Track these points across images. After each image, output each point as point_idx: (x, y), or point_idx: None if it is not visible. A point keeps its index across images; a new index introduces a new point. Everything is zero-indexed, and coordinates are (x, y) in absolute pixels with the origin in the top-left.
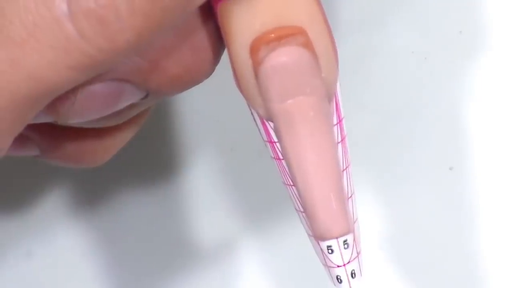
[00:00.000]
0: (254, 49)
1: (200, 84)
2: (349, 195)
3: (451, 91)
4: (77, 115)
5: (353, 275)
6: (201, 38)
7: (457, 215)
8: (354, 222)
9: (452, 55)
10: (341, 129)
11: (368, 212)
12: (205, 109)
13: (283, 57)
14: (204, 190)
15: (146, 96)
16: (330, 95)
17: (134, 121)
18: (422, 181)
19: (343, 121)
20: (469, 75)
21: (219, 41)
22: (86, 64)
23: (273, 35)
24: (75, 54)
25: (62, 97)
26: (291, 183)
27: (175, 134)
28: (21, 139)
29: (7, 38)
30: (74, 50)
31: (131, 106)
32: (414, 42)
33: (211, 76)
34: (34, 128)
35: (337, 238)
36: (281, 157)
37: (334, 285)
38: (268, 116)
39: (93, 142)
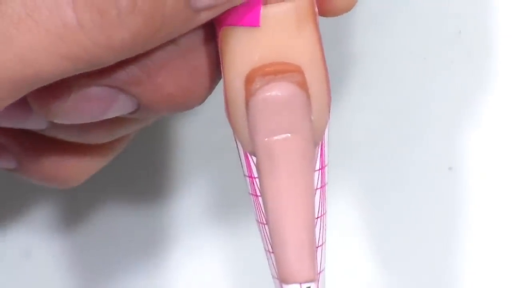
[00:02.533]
0: (249, 80)
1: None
2: (320, 244)
3: (451, 91)
4: (66, 115)
5: None
6: (202, 63)
7: (456, 215)
8: (320, 272)
9: (452, 55)
10: (323, 176)
11: (367, 211)
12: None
13: (276, 91)
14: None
15: (135, 111)
16: (316, 140)
17: (112, 146)
18: (422, 181)
19: (326, 169)
20: (468, 75)
21: (217, 70)
22: (78, 55)
23: (270, 68)
24: (69, 43)
25: (56, 93)
26: (265, 222)
27: (173, 145)
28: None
29: (4, 15)
30: (70, 39)
31: (118, 123)
32: (414, 42)
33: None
34: (14, 137)
35: (300, 283)
36: (258, 194)
37: None
38: (252, 150)
39: (71, 160)
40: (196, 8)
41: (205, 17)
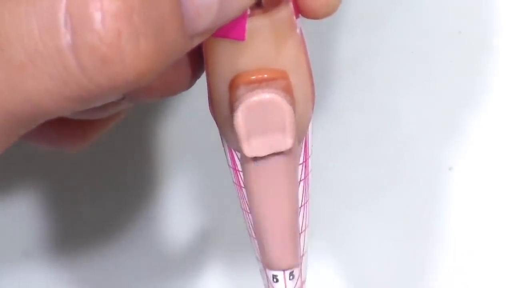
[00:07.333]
0: (233, 86)
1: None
2: (303, 229)
3: (451, 91)
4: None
5: None
6: (185, 59)
7: (456, 215)
8: (303, 255)
9: (452, 55)
10: (306, 167)
11: (367, 211)
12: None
13: (260, 98)
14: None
15: (122, 99)
16: (300, 136)
17: (110, 119)
18: (422, 181)
19: (309, 160)
20: (468, 75)
21: (200, 61)
22: (82, 96)
23: (254, 77)
24: (73, 86)
25: None
26: (248, 211)
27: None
28: None
29: (7, 61)
30: (72, 82)
31: (108, 106)
32: (414, 42)
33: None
34: None
35: (284, 270)
36: (242, 185)
37: None
38: (236, 148)
39: (73, 129)
40: (192, 36)
41: (198, 41)
